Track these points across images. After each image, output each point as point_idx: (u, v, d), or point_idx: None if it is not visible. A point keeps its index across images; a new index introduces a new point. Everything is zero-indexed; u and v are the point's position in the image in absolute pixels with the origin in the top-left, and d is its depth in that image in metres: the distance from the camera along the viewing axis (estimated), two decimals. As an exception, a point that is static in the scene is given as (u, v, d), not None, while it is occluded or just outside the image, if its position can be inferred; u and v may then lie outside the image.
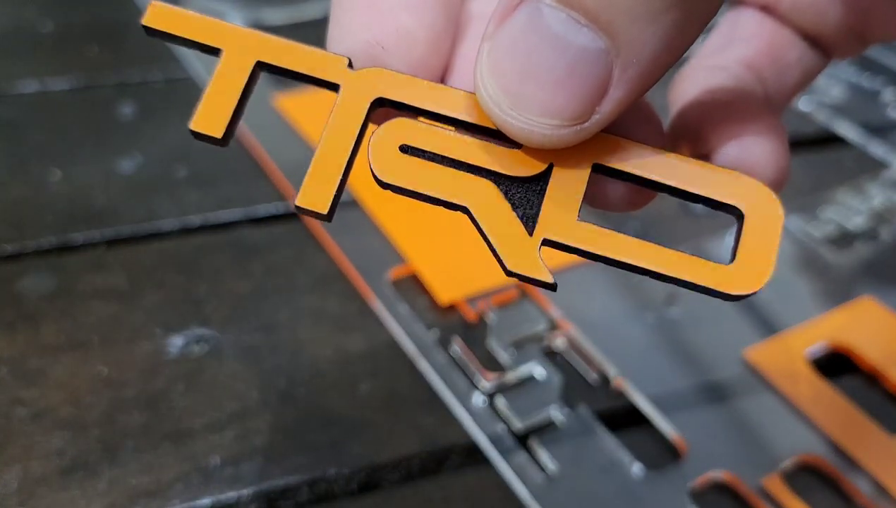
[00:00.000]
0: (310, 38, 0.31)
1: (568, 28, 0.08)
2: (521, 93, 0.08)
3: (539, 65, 0.08)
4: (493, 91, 0.09)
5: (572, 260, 0.21)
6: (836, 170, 0.26)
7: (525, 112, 0.08)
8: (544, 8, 0.08)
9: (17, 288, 0.19)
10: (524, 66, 0.08)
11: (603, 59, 0.08)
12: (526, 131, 0.09)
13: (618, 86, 0.08)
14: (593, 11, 0.08)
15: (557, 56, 0.08)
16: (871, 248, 0.23)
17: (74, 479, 0.15)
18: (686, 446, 0.16)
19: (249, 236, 0.21)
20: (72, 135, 0.25)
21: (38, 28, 0.31)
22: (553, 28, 0.08)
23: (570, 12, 0.08)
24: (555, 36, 0.08)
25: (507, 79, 0.08)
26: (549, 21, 0.08)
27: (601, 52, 0.08)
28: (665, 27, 0.08)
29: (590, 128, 0.09)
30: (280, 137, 0.25)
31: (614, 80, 0.08)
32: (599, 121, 0.09)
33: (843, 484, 0.16)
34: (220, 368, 0.18)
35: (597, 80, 0.08)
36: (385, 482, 0.16)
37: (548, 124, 0.08)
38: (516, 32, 0.08)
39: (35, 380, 0.17)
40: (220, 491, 0.15)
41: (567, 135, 0.09)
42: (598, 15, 0.08)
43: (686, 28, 0.08)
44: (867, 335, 0.19)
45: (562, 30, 0.08)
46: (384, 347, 0.19)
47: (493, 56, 0.09)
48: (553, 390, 0.17)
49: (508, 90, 0.08)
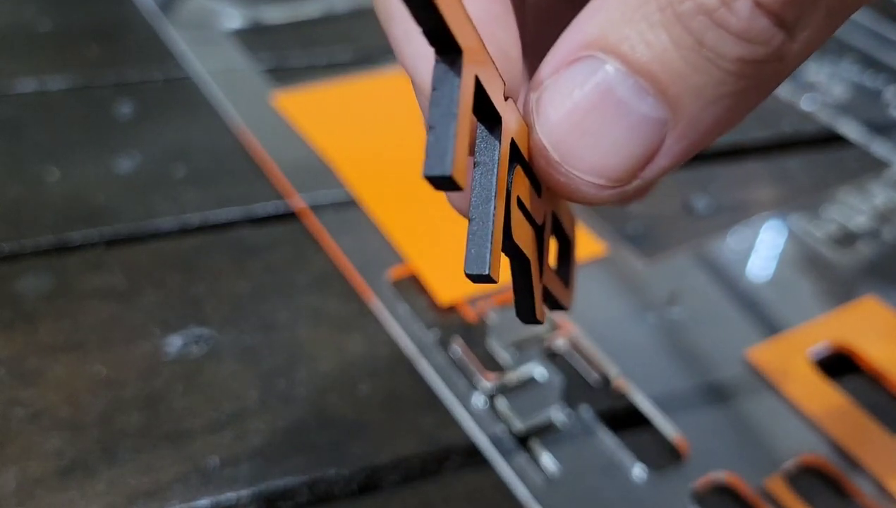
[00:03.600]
0: (309, 36, 0.31)
1: (633, 95, 0.08)
2: (573, 151, 0.08)
3: (597, 126, 0.08)
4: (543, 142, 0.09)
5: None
6: (839, 169, 0.26)
7: (573, 168, 0.08)
8: (610, 69, 0.08)
9: (15, 287, 0.19)
10: (581, 125, 0.08)
11: (660, 129, 0.08)
12: (569, 186, 0.09)
13: (666, 155, 0.08)
14: (664, 84, 0.08)
15: (617, 121, 0.08)
16: (874, 248, 0.23)
17: (73, 480, 0.15)
18: (688, 447, 0.16)
19: (248, 236, 0.21)
20: (70, 134, 0.25)
21: (37, 27, 0.31)
22: (618, 92, 0.08)
23: (639, 80, 0.08)
24: (619, 101, 0.08)
25: (560, 132, 0.08)
26: (614, 84, 0.08)
27: (660, 122, 0.08)
28: (724, 109, 0.08)
29: (628, 191, 0.09)
30: (279, 135, 0.25)
31: (664, 150, 0.08)
32: (639, 187, 0.09)
33: (845, 485, 0.16)
34: (218, 368, 0.18)
35: (649, 148, 0.08)
36: (385, 482, 0.16)
37: (593, 184, 0.09)
38: (575, 88, 0.08)
39: (33, 381, 0.17)
40: (219, 492, 0.15)
41: (609, 195, 0.09)
42: (668, 88, 0.08)
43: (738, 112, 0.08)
44: (870, 335, 0.19)
45: (627, 95, 0.08)
46: (384, 347, 0.18)
47: (547, 107, 0.08)
48: (554, 391, 0.17)
49: (559, 145, 0.08)
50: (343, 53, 0.30)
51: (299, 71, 0.29)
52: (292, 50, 0.30)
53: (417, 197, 0.22)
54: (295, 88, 0.27)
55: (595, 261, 0.21)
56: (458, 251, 0.22)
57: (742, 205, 0.24)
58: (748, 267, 0.21)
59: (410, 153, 0.24)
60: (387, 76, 0.28)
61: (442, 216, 0.22)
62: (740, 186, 0.25)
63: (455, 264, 0.20)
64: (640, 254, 0.21)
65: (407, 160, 0.24)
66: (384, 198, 0.22)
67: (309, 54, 0.30)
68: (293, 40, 0.31)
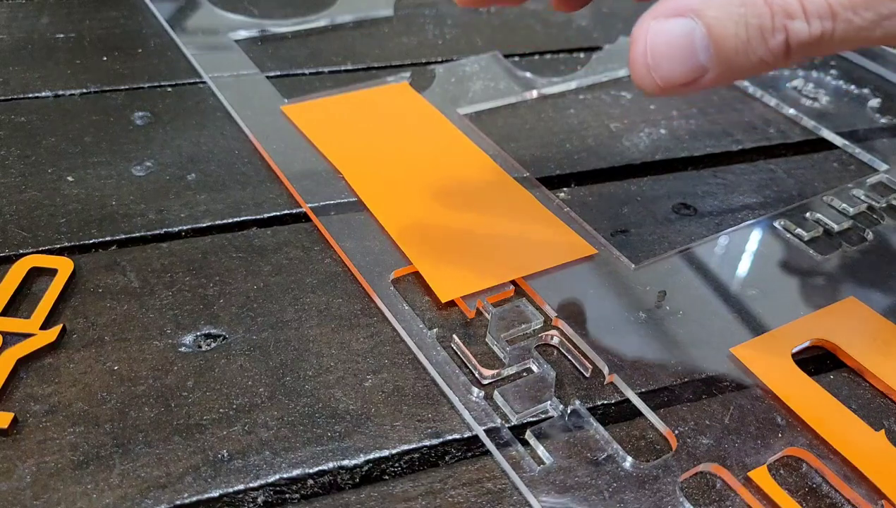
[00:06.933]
0: (316, 46, 0.32)
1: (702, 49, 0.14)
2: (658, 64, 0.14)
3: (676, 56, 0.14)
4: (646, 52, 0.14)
5: (567, 260, 0.21)
6: (823, 174, 0.27)
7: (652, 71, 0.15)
8: (699, 31, 0.14)
9: (32, 289, 0.20)
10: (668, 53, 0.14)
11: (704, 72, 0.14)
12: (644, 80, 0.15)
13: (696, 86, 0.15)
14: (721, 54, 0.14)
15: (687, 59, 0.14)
16: (857, 251, 0.23)
17: (87, 473, 0.15)
18: (676, 440, 0.17)
19: (258, 238, 0.22)
20: (85, 140, 0.25)
21: (52, 37, 0.31)
22: (696, 44, 0.14)
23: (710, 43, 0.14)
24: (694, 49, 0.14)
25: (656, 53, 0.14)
26: (696, 39, 0.14)
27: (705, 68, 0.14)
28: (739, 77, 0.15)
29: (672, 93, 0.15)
30: (287, 142, 0.25)
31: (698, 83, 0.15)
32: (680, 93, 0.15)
33: (827, 477, 0.17)
34: (228, 364, 0.18)
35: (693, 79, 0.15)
36: (388, 474, 0.16)
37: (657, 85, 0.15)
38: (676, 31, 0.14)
39: (49, 377, 0.17)
40: (229, 484, 0.15)
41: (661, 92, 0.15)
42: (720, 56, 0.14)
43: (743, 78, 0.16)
44: (852, 333, 0.20)
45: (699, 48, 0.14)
46: (387, 344, 0.19)
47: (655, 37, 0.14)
48: (548, 385, 0.18)
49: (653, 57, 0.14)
50: (347, 64, 0.31)
51: (305, 80, 0.30)
52: (299, 60, 0.31)
53: (419, 201, 0.23)
54: (301, 97, 0.28)
55: (587, 262, 0.21)
56: (457, 252, 0.23)
57: (729, 208, 0.24)
58: (734, 269, 0.22)
59: (411, 159, 0.25)
60: (388, 87, 0.29)
61: (442, 219, 0.22)
62: (728, 190, 0.25)
63: (454, 264, 0.21)
64: (631, 256, 0.22)
65: (408, 166, 0.25)
66: (387, 203, 0.23)
67: (315, 64, 0.31)
68: (300, 50, 0.32)
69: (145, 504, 0.15)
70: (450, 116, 0.27)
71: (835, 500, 0.16)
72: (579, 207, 0.24)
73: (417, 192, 0.23)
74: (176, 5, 0.34)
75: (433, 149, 0.25)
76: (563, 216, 0.23)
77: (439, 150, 0.25)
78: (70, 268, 0.20)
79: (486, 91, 0.29)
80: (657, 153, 0.27)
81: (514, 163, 0.25)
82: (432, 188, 0.23)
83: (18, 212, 0.22)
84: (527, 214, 0.23)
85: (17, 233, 0.21)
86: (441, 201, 0.23)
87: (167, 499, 0.15)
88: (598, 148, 0.27)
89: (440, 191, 0.23)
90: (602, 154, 0.27)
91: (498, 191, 0.24)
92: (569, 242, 0.22)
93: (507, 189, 0.24)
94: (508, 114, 0.28)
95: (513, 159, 0.25)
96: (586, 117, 0.29)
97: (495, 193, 0.24)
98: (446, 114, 0.27)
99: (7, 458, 0.16)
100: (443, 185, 0.24)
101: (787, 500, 0.16)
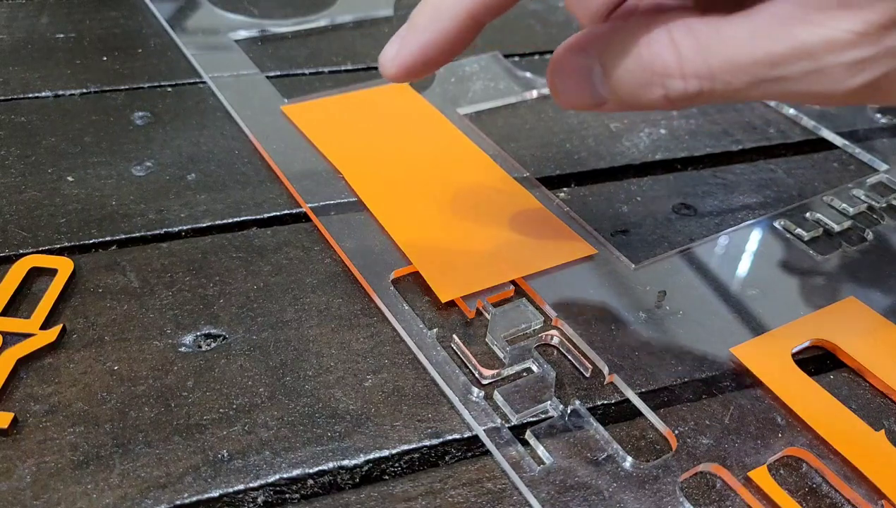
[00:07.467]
0: (316, 46, 0.32)
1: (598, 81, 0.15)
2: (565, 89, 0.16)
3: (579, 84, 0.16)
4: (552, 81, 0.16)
5: (567, 260, 0.21)
6: (823, 174, 0.27)
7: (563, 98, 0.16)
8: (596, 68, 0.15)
9: (32, 289, 0.20)
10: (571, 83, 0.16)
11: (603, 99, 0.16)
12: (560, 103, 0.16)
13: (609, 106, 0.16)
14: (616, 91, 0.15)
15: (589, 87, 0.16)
16: (857, 251, 0.23)
17: (87, 473, 0.15)
18: (676, 440, 0.17)
19: (258, 238, 0.22)
20: (85, 140, 0.25)
21: (52, 37, 0.31)
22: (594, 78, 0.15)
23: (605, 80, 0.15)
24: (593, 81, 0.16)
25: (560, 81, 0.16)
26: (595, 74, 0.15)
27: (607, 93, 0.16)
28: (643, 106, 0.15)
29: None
30: (286, 142, 0.25)
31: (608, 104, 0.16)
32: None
33: (827, 477, 0.17)
34: (228, 364, 0.18)
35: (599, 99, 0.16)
36: (388, 474, 0.16)
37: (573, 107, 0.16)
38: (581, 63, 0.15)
39: (49, 377, 0.17)
40: (229, 484, 0.16)
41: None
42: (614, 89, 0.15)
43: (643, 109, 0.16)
44: (852, 333, 0.20)
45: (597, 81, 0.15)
46: (387, 344, 0.19)
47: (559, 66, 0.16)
48: (548, 385, 0.18)
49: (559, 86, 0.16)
50: (347, 64, 0.31)
51: (305, 80, 0.30)
52: (299, 60, 0.31)
53: (419, 201, 0.23)
54: (301, 97, 0.28)
55: (587, 262, 0.22)
56: (456, 252, 0.23)
57: (729, 208, 0.25)
58: (734, 269, 0.22)
59: (412, 159, 0.25)
60: (388, 87, 0.29)
61: (442, 219, 0.22)
62: (728, 190, 0.25)
63: (454, 264, 0.21)
64: (631, 255, 0.22)
65: (408, 166, 0.25)
66: (387, 203, 0.23)
67: (315, 64, 0.31)
68: (300, 50, 0.32)
69: (145, 504, 0.15)
70: (450, 116, 0.27)
71: (835, 500, 0.16)
72: (579, 207, 0.24)
73: (417, 192, 0.23)
74: (176, 5, 0.34)
75: (433, 150, 0.25)
76: (563, 216, 0.23)
77: (439, 150, 0.25)
78: (70, 268, 0.20)
79: (486, 91, 0.29)
80: (657, 153, 0.27)
81: (514, 163, 0.25)
82: (432, 188, 0.23)
83: (18, 212, 0.22)
84: (527, 214, 0.23)
85: (17, 233, 0.21)
86: (441, 201, 0.23)
87: (167, 499, 0.15)
88: (598, 148, 0.27)
89: (440, 191, 0.23)
90: (602, 154, 0.27)
91: (498, 191, 0.24)
92: (569, 242, 0.22)
93: (507, 189, 0.24)
94: (508, 114, 0.28)
95: (513, 159, 0.25)
96: (586, 117, 0.29)
97: (495, 193, 0.24)
98: (446, 114, 0.27)
99: (7, 458, 0.16)
100: (443, 185, 0.24)
101: (787, 500, 0.16)
